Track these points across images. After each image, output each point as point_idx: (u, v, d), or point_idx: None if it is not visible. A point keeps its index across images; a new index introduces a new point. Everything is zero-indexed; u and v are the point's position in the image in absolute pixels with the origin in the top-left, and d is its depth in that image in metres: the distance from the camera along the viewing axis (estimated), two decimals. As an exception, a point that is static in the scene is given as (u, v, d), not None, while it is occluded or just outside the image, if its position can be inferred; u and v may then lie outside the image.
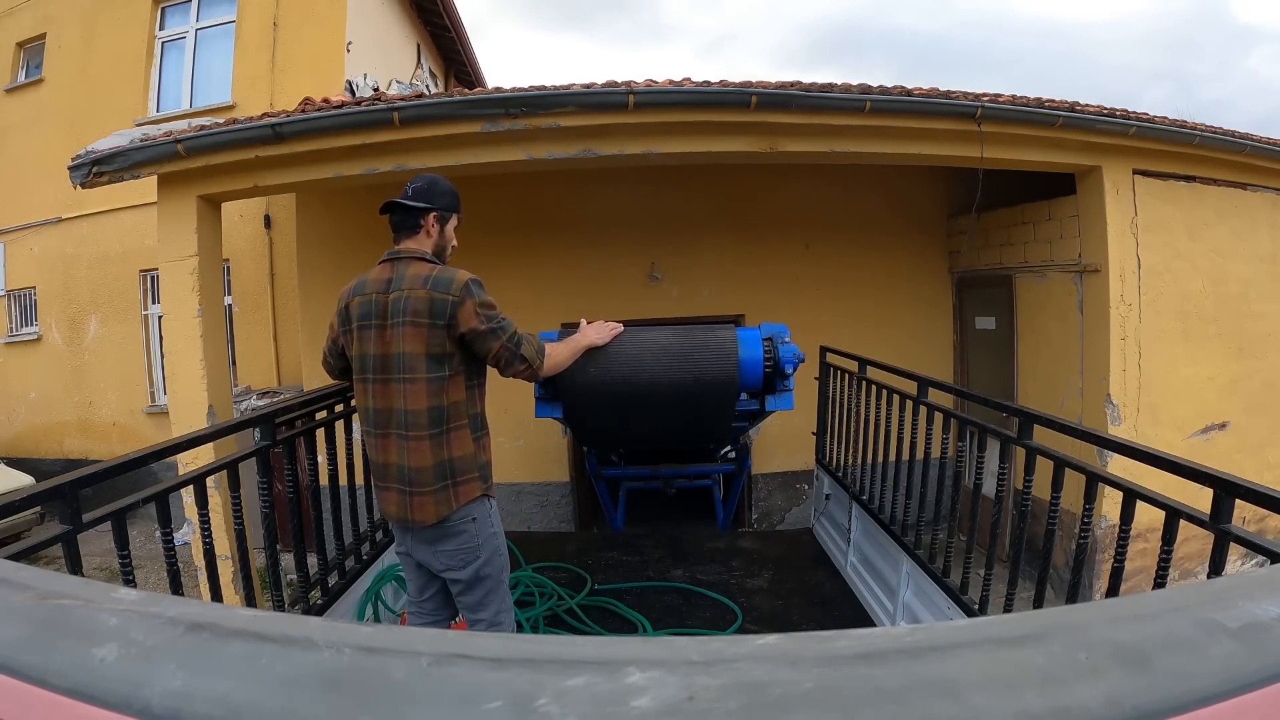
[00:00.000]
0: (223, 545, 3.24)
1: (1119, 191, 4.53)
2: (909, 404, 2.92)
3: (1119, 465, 2.05)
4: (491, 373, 2.00)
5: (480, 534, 1.94)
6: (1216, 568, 1.53)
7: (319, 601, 2.39)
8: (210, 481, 1.95)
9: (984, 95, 4.17)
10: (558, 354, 2.19)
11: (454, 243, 2.08)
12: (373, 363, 1.90)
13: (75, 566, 1.43)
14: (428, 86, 9.59)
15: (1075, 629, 0.38)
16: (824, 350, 4.04)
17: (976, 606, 2.38)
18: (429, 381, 1.85)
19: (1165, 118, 4.55)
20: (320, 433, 2.52)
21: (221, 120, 4.28)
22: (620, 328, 2.61)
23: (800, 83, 4.02)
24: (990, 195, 5.20)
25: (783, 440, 5.57)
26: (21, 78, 8.02)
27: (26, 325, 8.09)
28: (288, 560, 2.39)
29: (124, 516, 1.57)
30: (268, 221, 7.05)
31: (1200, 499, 1.55)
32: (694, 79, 4.08)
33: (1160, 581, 1.67)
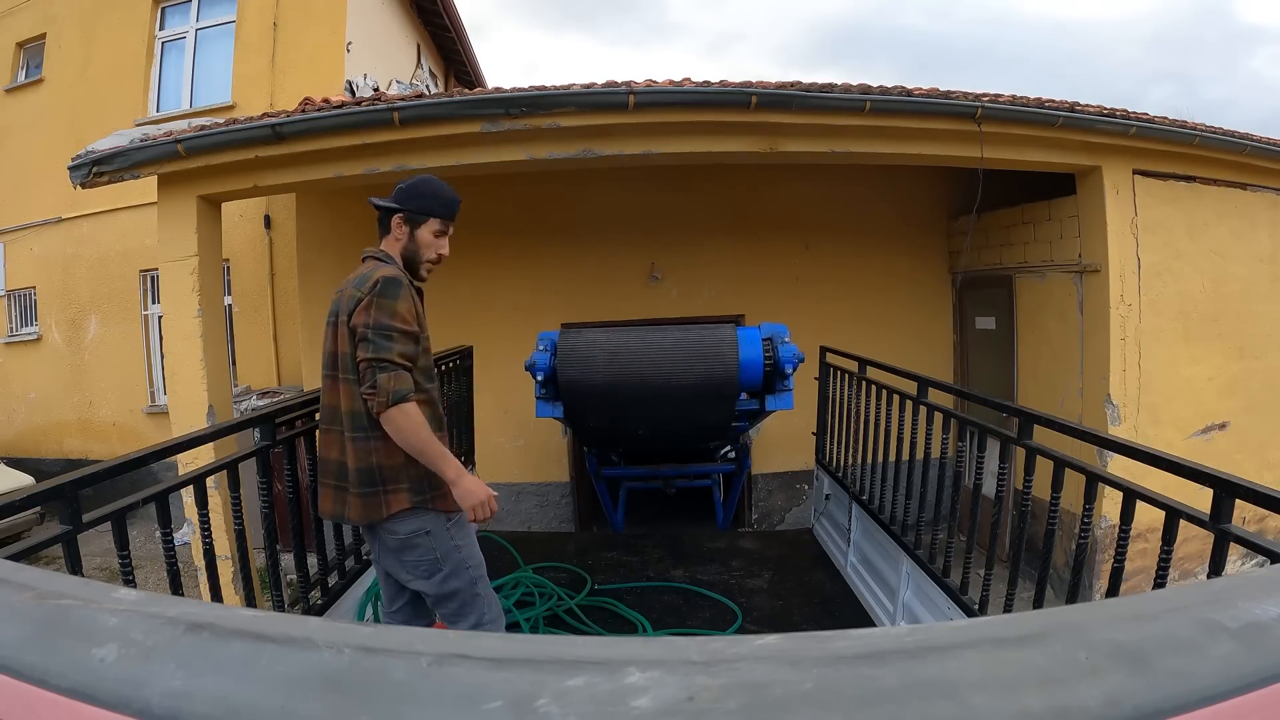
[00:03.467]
0: (223, 545, 3.24)
1: (1119, 191, 4.53)
2: (909, 404, 2.92)
3: (1119, 465, 2.05)
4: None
5: (438, 547, 1.89)
6: (1216, 568, 1.53)
7: (319, 601, 2.39)
8: (210, 481, 1.96)
9: (984, 95, 4.17)
10: (417, 431, 1.75)
11: (440, 251, 1.96)
12: (324, 359, 1.91)
13: (75, 566, 1.43)
14: (428, 86, 9.59)
15: (1075, 629, 0.38)
16: (824, 350, 4.04)
17: (976, 606, 2.38)
18: (353, 384, 1.82)
19: (1165, 118, 4.55)
20: (320, 432, 2.52)
21: (221, 120, 4.28)
22: (482, 516, 1.82)
23: (800, 83, 4.02)
24: (990, 195, 5.20)
25: (783, 440, 5.57)
26: (21, 78, 8.01)
27: (26, 325, 8.09)
28: (288, 560, 2.39)
29: (124, 516, 1.57)
30: (268, 221, 7.04)
31: (1200, 499, 1.56)
32: (694, 79, 4.08)
33: (1160, 581, 1.67)
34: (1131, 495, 1.75)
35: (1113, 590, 1.86)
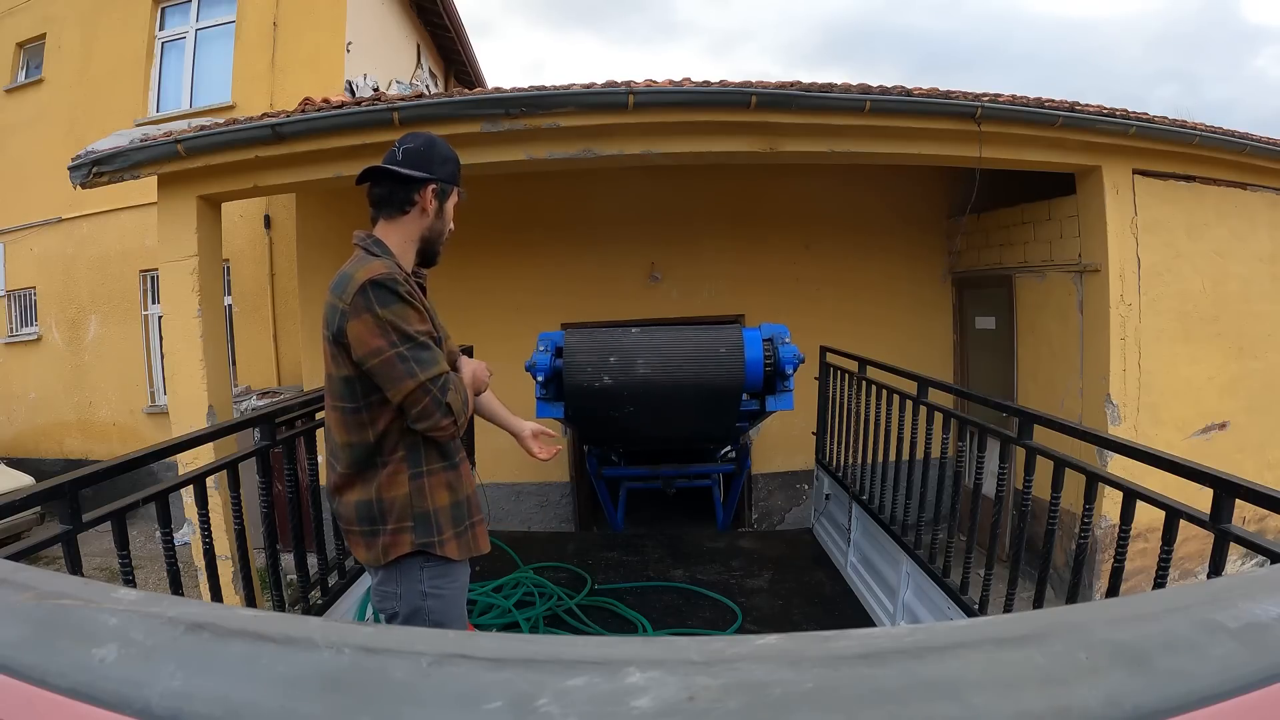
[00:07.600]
0: (223, 545, 3.24)
1: (1119, 191, 4.53)
2: (909, 404, 2.92)
3: (1119, 465, 2.05)
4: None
5: (405, 594, 1.57)
6: (1216, 568, 1.53)
7: (319, 601, 2.39)
8: (210, 481, 1.95)
9: (984, 95, 4.17)
10: (471, 407, 1.61)
11: (451, 226, 1.64)
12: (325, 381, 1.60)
13: (75, 566, 1.42)
14: (428, 86, 9.59)
15: (1075, 629, 0.38)
16: (824, 350, 4.04)
17: (976, 606, 2.38)
18: (346, 412, 1.50)
19: (1165, 117, 4.55)
20: (320, 432, 2.52)
21: (221, 120, 4.28)
22: (482, 377, 1.74)
23: (800, 83, 4.02)
24: (990, 195, 5.20)
25: (783, 440, 5.57)
26: (21, 78, 8.01)
27: (26, 325, 8.09)
28: (288, 560, 2.39)
29: (124, 516, 1.57)
30: (268, 221, 7.05)
31: (1200, 499, 1.55)
32: (694, 79, 4.08)
33: (1160, 581, 1.67)
34: (1131, 495, 1.75)
35: (1113, 590, 1.86)
